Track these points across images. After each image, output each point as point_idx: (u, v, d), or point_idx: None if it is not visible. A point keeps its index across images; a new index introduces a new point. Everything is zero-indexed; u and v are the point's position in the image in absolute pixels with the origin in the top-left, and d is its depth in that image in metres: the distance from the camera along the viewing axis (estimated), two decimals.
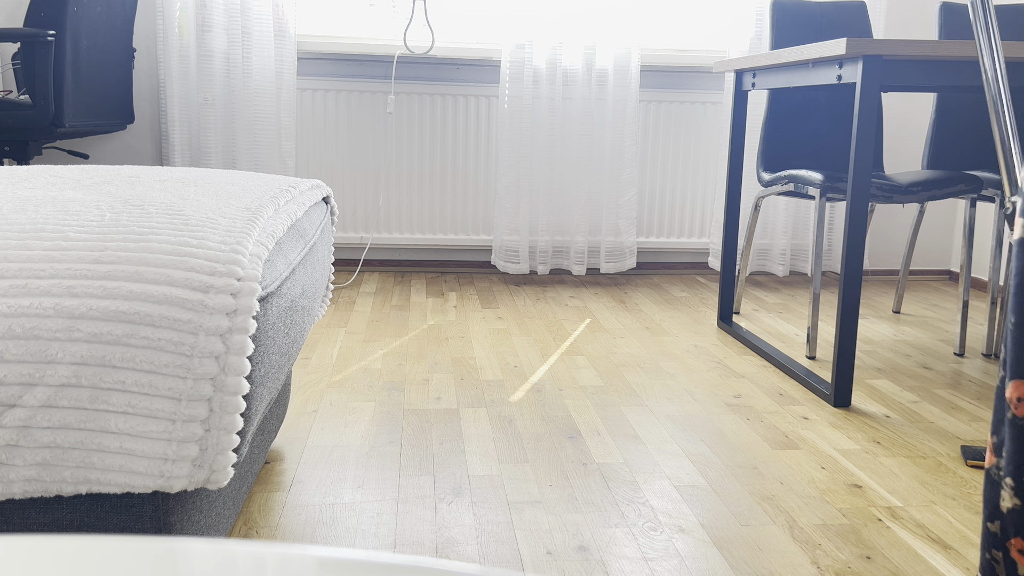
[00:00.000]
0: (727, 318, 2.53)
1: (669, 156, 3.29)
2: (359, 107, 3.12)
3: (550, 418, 1.72)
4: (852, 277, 1.84)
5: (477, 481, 1.41)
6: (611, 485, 1.41)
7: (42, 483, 0.78)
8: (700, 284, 3.17)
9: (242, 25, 2.92)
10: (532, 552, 1.19)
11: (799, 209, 3.35)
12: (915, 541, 1.25)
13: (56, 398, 0.76)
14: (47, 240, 0.84)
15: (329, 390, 1.85)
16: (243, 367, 0.80)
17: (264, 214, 1.01)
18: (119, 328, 0.78)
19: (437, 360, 2.10)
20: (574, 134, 3.15)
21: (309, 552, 0.27)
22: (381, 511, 1.30)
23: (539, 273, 3.24)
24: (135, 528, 0.87)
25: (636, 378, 2.00)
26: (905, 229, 3.48)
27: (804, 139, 2.66)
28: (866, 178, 1.80)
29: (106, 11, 2.53)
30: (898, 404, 1.87)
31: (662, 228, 3.34)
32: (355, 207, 3.17)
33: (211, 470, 0.80)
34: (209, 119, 2.96)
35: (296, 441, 1.56)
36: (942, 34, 2.69)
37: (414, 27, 3.14)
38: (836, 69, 1.86)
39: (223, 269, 0.83)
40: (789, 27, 2.65)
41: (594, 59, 3.11)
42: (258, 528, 1.24)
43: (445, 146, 3.17)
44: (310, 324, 1.21)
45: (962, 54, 1.74)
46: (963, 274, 2.32)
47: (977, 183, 2.33)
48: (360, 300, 2.75)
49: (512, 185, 3.12)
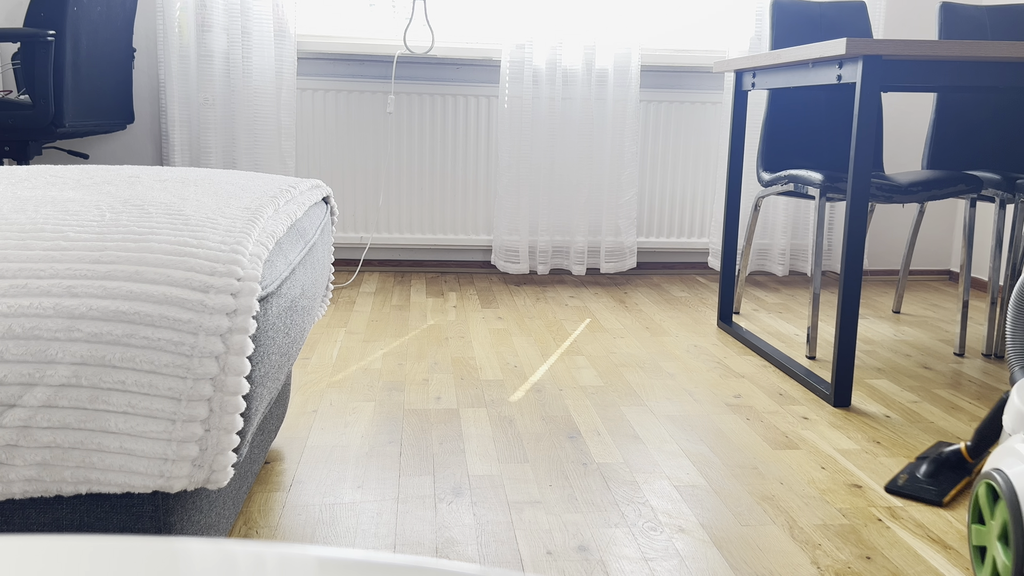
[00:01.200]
0: (727, 318, 2.53)
1: (669, 156, 3.29)
2: (359, 107, 3.12)
3: (550, 418, 1.72)
4: (852, 277, 1.84)
5: (477, 481, 1.41)
6: (611, 485, 1.41)
7: (42, 483, 0.78)
8: (700, 284, 3.17)
9: (242, 25, 2.92)
10: (532, 552, 1.19)
11: (799, 209, 3.35)
12: (915, 541, 1.25)
13: (56, 398, 0.76)
14: (47, 240, 0.84)
15: (329, 390, 1.85)
16: (243, 367, 0.80)
17: (264, 214, 1.01)
18: (119, 328, 0.78)
19: (437, 360, 2.10)
20: (574, 134, 3.15)
21: (309, 552, 0.27)
22: (381, 511, 1.30)
23: (539, 273, 3.24)
24: (135, 528, 0.87)
25: (636, 378, 2.00)
26: (905, 229, 3.48)
27: (804, 139, 2.66)
28: (866, 178, 1.80)
29: (106, 11, 2.53)
30: (898, 404, 1.87)
31: (662, 228, 3.34)
32: (355, 207, 3.18)
33: (211, 470, 0.80)
34: (209, 119, 2.96)
35: (296, 441, 1.56)
36: (942, 34, 2.69)
37: (414, 27, 3.14)
38: (836, 69, 1.86)
39: (223, 269, 0.83)
40: (789, 27, 2.65)
41: (594, 59, 3.11)
42: (258, 528, 1.24)
43: (445, 146, 3.17)
44: (310, 324, 1.21)
45: (962, 54, 1.74)
46: (963, 274, 2.32)
47: (977, 183, 2.33)
48: (360, 300, 2.75)
49: (512, 185, 3.12)
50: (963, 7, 2.71)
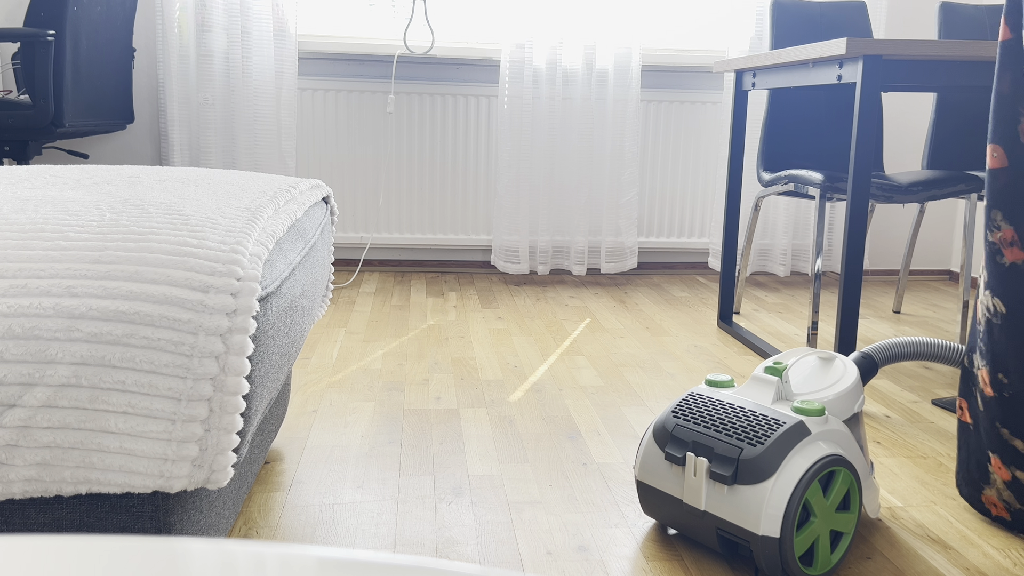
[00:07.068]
0: (727, 318, 2.53)
1: (669, 156, 3.29)
2: (359, 107, 3.12)
3: (550, 418, 1.72)
4: (852, 277, 1.84)
5: (477, 481, 1.41)
6: (611, 485, 1.41)
7: (42, 483, 0.78)
8: (700, 284, 3.17)
9: (242, 25, 2.92)
10: (532, 552, 1.18)
11: (799, 209, 3.35)
12: (915, 541, 1.25)
13: (56, 398, 0.76)
14: (47, 240, 0.84)
15: (329, 390, 1.85)
16: (243, 367, 0.80)
17: (264, 214, 1.01)
18: (119, 328, 0.78)
19: (437, 360, 2.10)
20: (574, 134, 3.15)
21: (309, 552, 0.27)
22: (381, 511, 1.30)
23: (539, 273, 3.24)
24: (135, 528, 0.87)
25: (636, 378, 2.00)
26: (905, 229, 3.48)
27: (804, 139, 2.66)
28: (866, 178, 1.80)
29: (106, 11, 2.53)
30: (898, 404, 1.87)
31: (662, 228, 3.34)
32: (355, 207, 3.18)
33: (211, 470, 0.80)
34: (209, 119, 2.95)
35: (296, 441, 1.56)
36: (942, 34, 2.69)
37: (414, 27, 3.14)
38: (836, 69, 1.86)
39: (223, 269, 0.83)
40: (789, 27, 2.65)
41: (594, 59, 3.11)
42: (258, 528, 1.24)
43: (445, 146, 3.17)
44: (310, 324, 1.21)
45: (962, 54, 1.74)
46: (963, 274, 2.32)
47: (977, 183, 2.33)
48: (360, 300, 2.75)
49: (512, 185, 3.12)
50: (963, 7, 2.71)
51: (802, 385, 1.26)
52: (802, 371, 1.29)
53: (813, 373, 1.29)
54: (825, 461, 1.09)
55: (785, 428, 1.11)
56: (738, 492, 1.09)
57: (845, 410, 1.24)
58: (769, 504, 1.07)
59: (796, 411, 1.16)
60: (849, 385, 1.26)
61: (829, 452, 1.11)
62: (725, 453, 1.11)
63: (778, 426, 1.11)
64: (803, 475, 1.07)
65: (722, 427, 1.15)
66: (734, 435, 1.13)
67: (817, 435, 1.13)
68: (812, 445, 1.11)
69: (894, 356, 1.42)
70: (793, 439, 1.10)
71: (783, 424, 1.12)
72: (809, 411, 1.15)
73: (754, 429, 1.12)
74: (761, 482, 1.08)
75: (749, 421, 1.14)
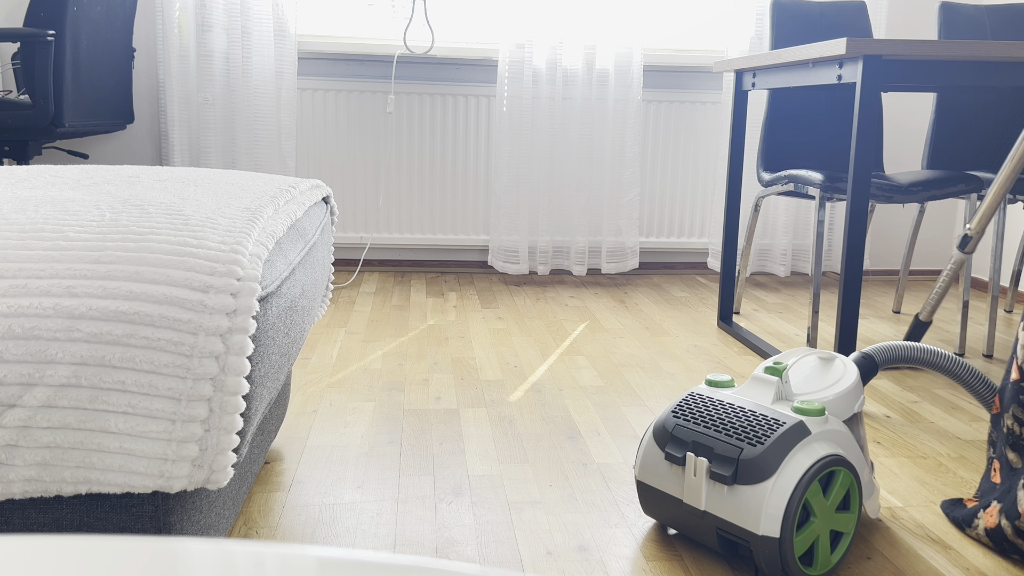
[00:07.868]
0: (727, 318, 2.53)
1: (668, 156, 3.29)
2: (359, 107, 3.12)
3: (550, 418, 1.72)
4: (852, 277, 1.84)
5: (477, 481, 1.41)
6: (611, 485, 1.41)
7: (42, 483, 0.78)
8: (700, 284, 3.17)
9: (242, 25, 2.92)
10: (532, 552, 1.18)
11: (799, 209, 3.35)
12: (915, 541, 1.25)
13: (56, 398, 0.76)
14: (47, 240, 0.84)
15: (329, 390, 1.85)
16: (243, 367, 0.80)
17: (264, 214, 1.01)
18: (119, 328, 0.78)
19: (437, 360, 2.10)
20: (574, 134, 3.15)
21: (309, 552, 0.27)
22: (381, 511, 1.30)
23: (539, 273, 3.24)
24: (135, 528, 0.87)
25: (636, 378, 2.00)
26: (905, 229, 3.48)
27: (804, 139, 2.66)
28: (866, 178, 1.80)
29: (106, 11, 2.53)
30: (898, 404, 1.87)
31: (662, 228, 3.34)
32: (355, 207, 3.17)
33: (211, 470, 0.80)
34: (209, 119, 2.95)
35: (296, 441, 1.56)
36: (942, 34, 2.69)
37: (414, 27, 3.14)
38: (836, 69, 1.86)
39: (223, 269, 0.83)
40: (789, 27, 2.65)
41: (594, 59, 3.11)
42: (258, 528, 1.24)
43: (445, 146, 3.17)
44: (310, 324, 1.21)
45: (962, 54, 1.74)
46: (963, 274, 2.32)
47: (977, 183, 2.33)
48: (360, 300, 2.75)
49: (511, 185, 3.12)
50: (963, 7, 2.71)
51: (802, 385, 1.26)
52: (802, 371, 1.29)
53: (813, 373, 1.29)
54: (825, 461, 1.09)
55: (785, 428, 1.11)
56: (738, 492, 1.09)
57: (845, 410, 1.24)
58: (769, 504, 1.07)
59: (796, 411, 1.16)
60: (849, 385, 1.26)
61: (829, 452, 1.11)
62: (725, 453, 1.11)
63: (778, 426, 1.11)
64: (803, 475, 1.07)
65: (722, 427, 1.15)
66: (734, 435, 1.13)
67: (817, 435, 1.13)
68: (812, 445, 1.11)
69: (895, 358, 1.42)
70: (793, 439, 1.10)
71: (783, 424, 1.12)
72: (809, 411, 1.15)
73: (754, 429, 1.12)
74: (761, 482, 1.08)
75: (749, 421, 1.14)
